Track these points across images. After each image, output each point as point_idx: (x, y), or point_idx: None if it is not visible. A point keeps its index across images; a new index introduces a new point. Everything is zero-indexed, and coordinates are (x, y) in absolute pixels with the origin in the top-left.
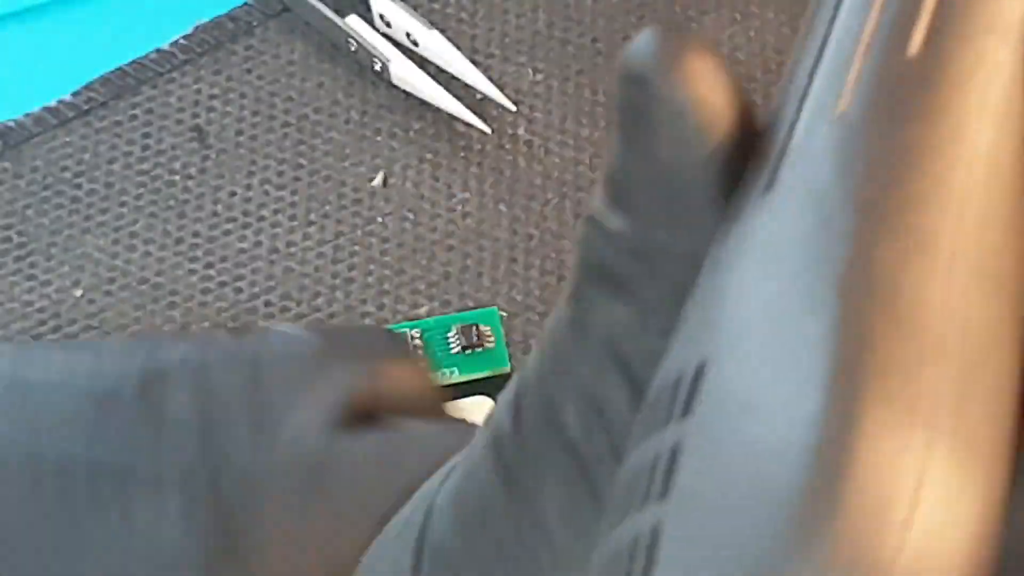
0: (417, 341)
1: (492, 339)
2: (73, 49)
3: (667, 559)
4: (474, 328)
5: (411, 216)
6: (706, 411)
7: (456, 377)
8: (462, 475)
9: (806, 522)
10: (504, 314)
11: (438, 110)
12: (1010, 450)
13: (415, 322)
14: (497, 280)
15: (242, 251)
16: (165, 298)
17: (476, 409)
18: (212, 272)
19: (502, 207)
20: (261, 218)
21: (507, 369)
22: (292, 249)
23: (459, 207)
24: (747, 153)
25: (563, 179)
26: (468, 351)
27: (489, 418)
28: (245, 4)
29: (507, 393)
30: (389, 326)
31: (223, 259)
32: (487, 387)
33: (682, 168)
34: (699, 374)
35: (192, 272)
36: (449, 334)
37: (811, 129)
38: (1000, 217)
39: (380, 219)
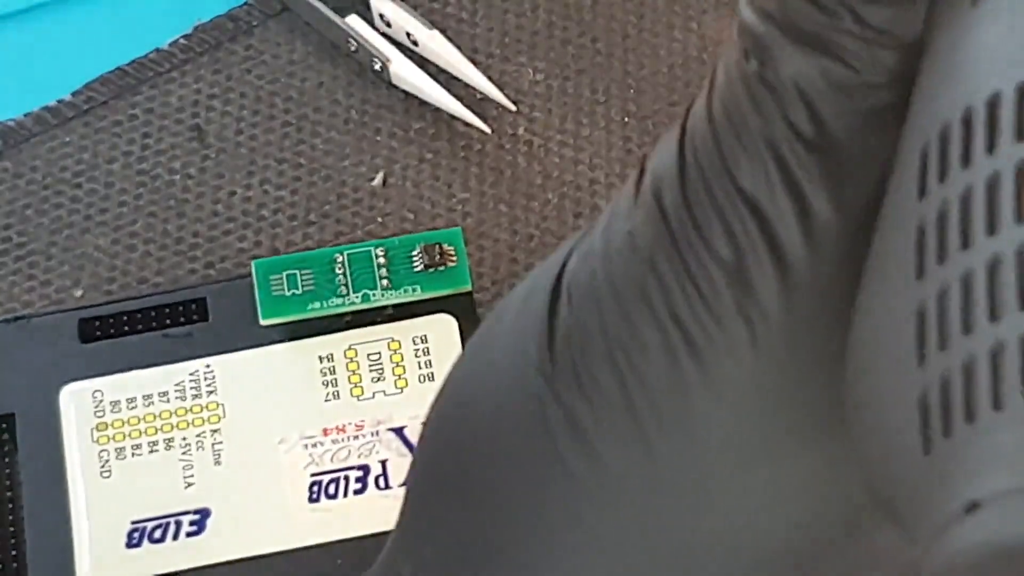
0: (382, 260)
1: (455, 258)
2: (73, 49)
3: None
4: (437, 247)
5: (411, 216)
6: None
7: (418, 295)
8: (606, 237)
9: None
10: None
11: (438, 110)
12: None
13: (379, 241)
14: (497, 280)
15: (242, 251)
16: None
17: (439, 327)
18: (212, 272)
19: (502, 207)
20: (261, 218)
21: (468, 288)
22: (292, 249)
23: (459, 207)
24: None
25: (563, 179)
26: (431, 269)
27: (641, 175)
28: (245, 4)
29: (665, 155)
30: (351, 245)
31: (223, 259)
32: (449, 305)
33: None
34: (1023, 94)
35: (192, 272)
36: (413, 252)
37: None
38: None
39: (380, 219)
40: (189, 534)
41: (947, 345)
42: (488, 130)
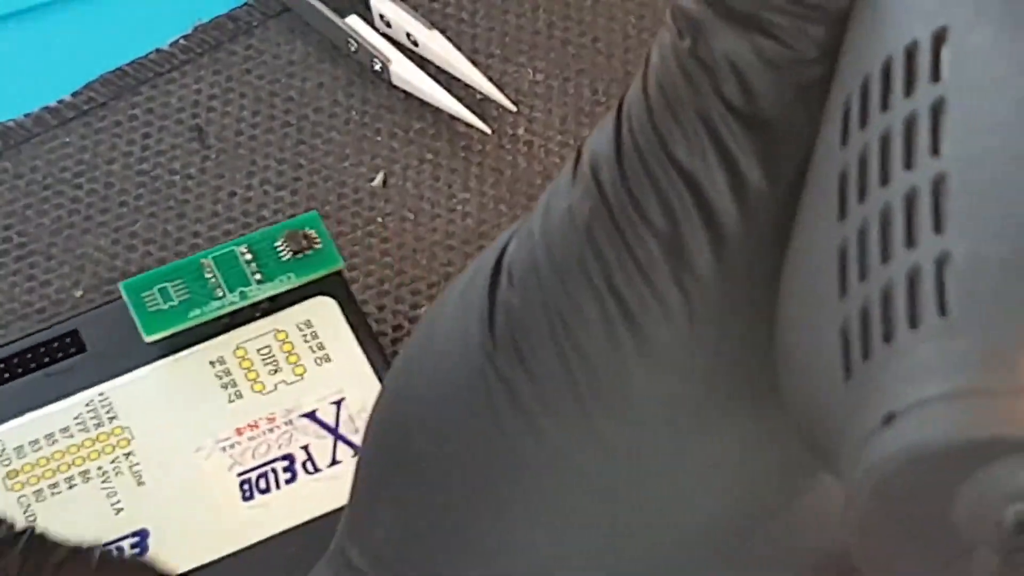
0: (248, 256)
1: (319, 241)
2: (73, 49)
3: (958, 209)
4: (300, 233)
5: (411, 216)
6: (966, 70)
7: (293, 282)
8: (545, 217)
9: None
10: None
11: (438, 110)
12: None
13: (240, 239)
14: None
15: None
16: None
17: (319, 309)
18: None
19: (502, 207)
20: (261, 218)
21: (339, 267)
22: None
23: (459, 207)
24: None
25: None
26: (299, 255)
27: (579, 155)
28: (245, 4)
29: (602, 134)
30: (215, 247)
31: None
32: (324, 287)
33: None
34: (939, 41)
35: None
36: (277, 243)
37: None
38: None
39: (380, 219)
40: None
41: (867, 275)
42: (488, 130)
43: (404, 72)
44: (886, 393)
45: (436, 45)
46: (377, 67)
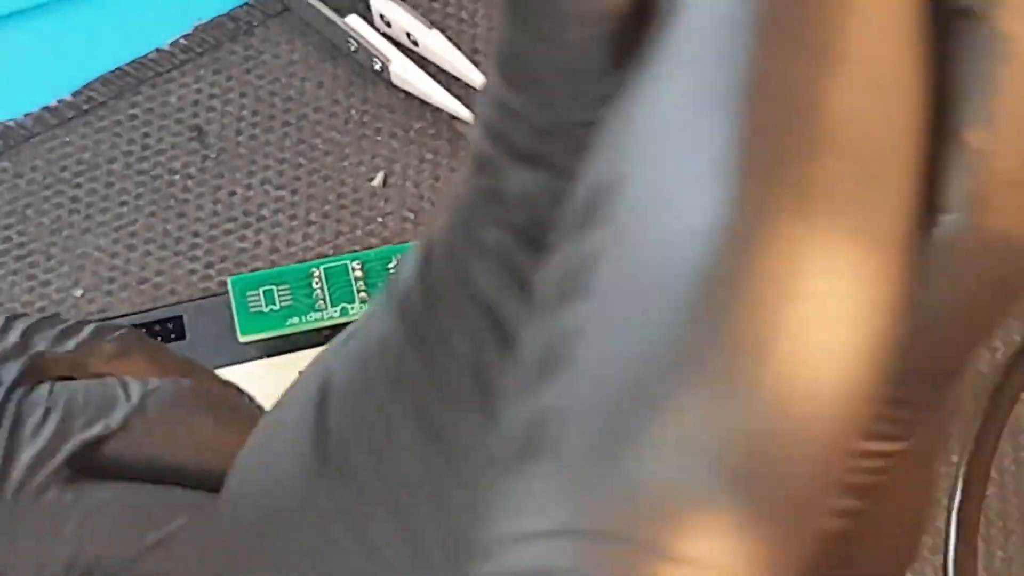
0: (358, 273)
1: None
2: (73, 49)
3: (586, 355)
4: None
5: (411, 216)
6: (621, 218)
7: None
8: (364, 341)
9: (710, 303)
10: None
11: (438, 110)
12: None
13: (355, 254)
14: None
15: (242, 251)
16: (165, 298)
17: None
18: (212, 272)
19: None
20: (261, 218)
21: None
22: (292, 249)
23: None
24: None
25: None
26: None
27: (392, 283)
28: (245, 4)
29: (411, 259)
30: (327, 259)
31: (223, 259)
32: None
33: (582, 44)
34: (612, 190)
35: (192, 272)
36: (390, 265)
37: None
38: (898, 31)
39: (380, 219)
40: None
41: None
42: None
43: (404, 72)
44: (490, 525)
45: (436, 45)
46: (377, 67)
